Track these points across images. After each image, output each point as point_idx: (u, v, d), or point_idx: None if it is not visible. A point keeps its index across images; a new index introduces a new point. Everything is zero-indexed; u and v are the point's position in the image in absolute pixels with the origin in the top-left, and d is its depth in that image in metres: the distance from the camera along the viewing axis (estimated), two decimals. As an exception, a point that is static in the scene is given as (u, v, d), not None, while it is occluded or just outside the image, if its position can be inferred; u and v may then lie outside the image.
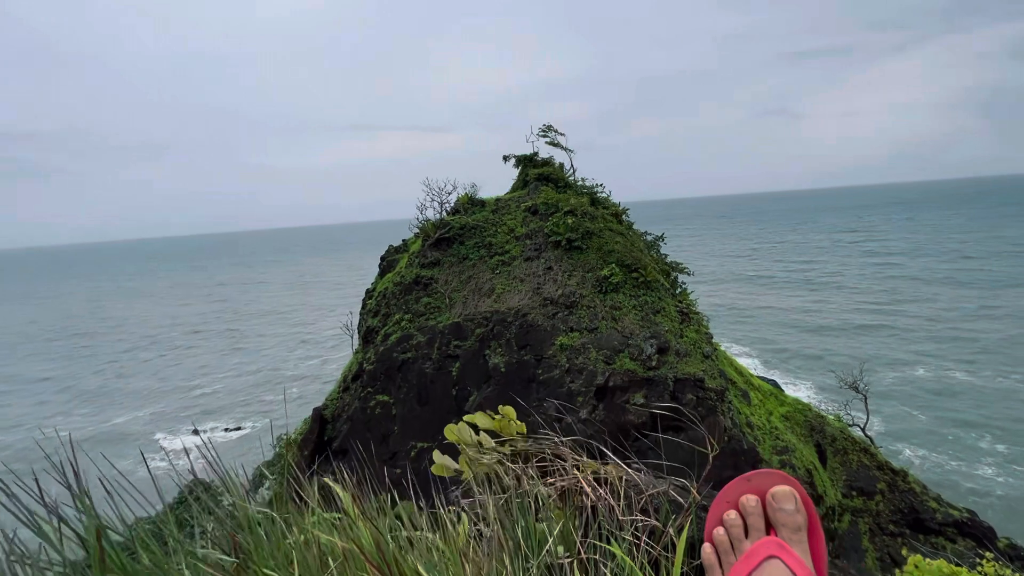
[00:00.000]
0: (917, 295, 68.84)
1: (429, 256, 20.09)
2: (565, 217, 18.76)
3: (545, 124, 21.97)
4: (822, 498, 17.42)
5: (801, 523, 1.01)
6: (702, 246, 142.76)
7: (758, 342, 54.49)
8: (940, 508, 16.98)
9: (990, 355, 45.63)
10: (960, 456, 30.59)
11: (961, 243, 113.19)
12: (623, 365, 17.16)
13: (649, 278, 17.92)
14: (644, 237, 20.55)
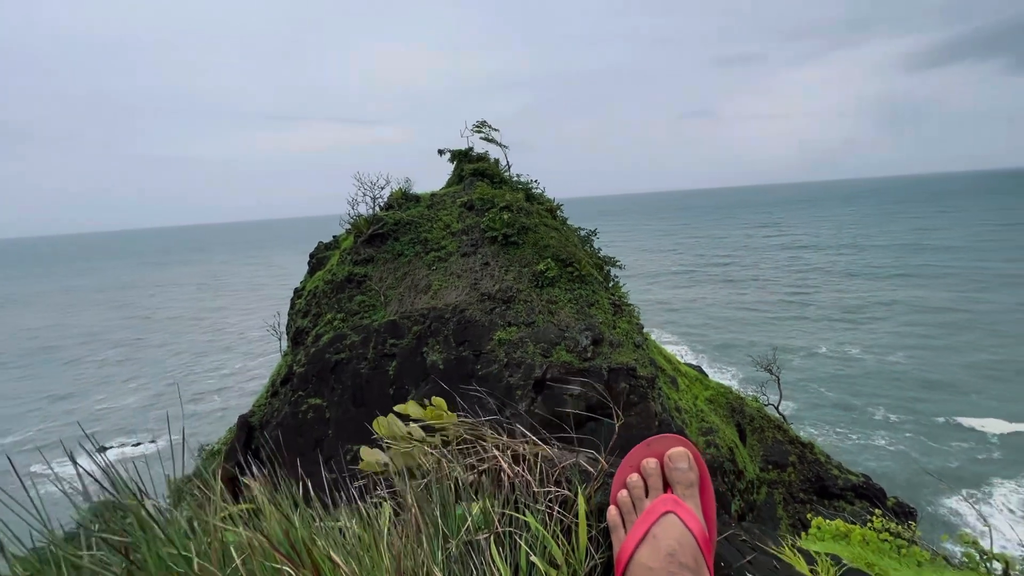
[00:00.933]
0: (821, 284, 75.85)
1: (362, 253, 19.48)
2: (501, 213, 18.86)
3: (479, 120, 21.93)
4: (743, 473, 18.80)
5: (693, 479, 1.11)
6: (633, 241, 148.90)
7: (685, 331, 57.73)
8: (841, 475, 18.87)
9: (879, 336, 51.23)
10: (858, 427, 34.14)
11: (856, 237, 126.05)
12: (560, 357, 17.57)
13: (583, 272, 18.42)
14: (578, 232, 21.09)
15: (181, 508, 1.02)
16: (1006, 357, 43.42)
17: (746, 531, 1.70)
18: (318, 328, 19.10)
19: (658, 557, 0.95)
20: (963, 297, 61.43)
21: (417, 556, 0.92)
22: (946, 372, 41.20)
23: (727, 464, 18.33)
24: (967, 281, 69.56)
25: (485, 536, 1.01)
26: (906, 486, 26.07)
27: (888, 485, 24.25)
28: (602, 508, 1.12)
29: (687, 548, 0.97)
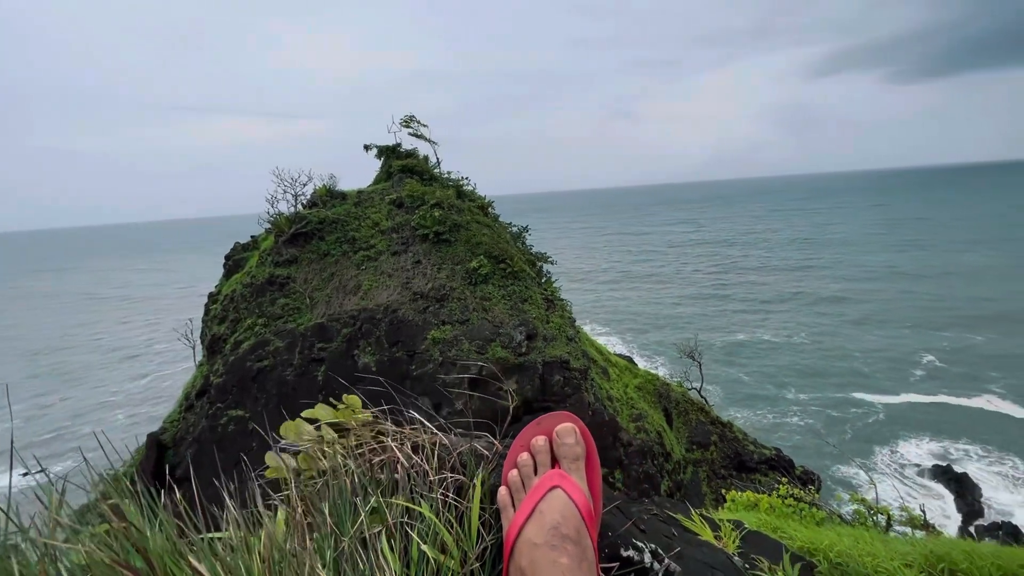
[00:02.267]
0: (737, 277, 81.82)
1: (284, 253, 18.45)
2: (432, 210, 18.59)
3: (407, 115, 21.47)
4: (670, 455, 19.86)
5: (580, 453, 1.14)
6: (564, 238, 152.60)
7: (616, 323, 60.05)
8: (756, 450, 20.45)
9: (788, 324, 56.10)
10: (772, 406, 37.19)
11: (765, 232, 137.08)
12: (495, 354, 17.63)
13: (516, 269, 18.59)
14: (509, 229, 21.24)
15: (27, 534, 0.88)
16: (891, 338, 49.13)
17: (657, 504, 1.76)
18: (237, 334, 17.87)
19: (542, 532, 0.96)
20: (854, 287, 68.65)
21: (302, 558, 0.87)
22: (843, 354, 45.88)
23: (656, 447, 19.26)
24: (857, 272, 77.87)
25: (378, 530, 0.97)
26: (814, 456, 28.77)
27: (797, 456, 26.62)
28: (495, 490, 1.13)
29: (570, 520, 1.00)
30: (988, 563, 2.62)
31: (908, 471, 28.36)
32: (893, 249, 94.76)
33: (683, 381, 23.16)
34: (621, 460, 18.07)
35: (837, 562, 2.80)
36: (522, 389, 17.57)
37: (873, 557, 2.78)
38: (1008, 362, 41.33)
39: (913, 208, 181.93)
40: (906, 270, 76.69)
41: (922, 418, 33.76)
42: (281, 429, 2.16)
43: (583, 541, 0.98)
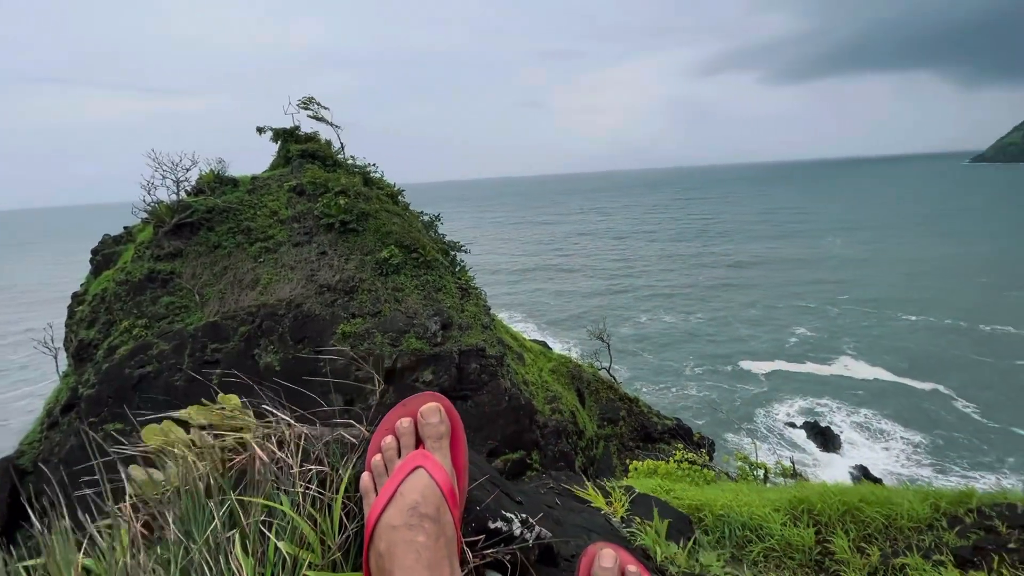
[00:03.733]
0: (640, 263, 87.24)
1: (166, 246, 16.57)
2: (337, 198, 17.65)
3: (306, 96, 20.09)
4: (583, 432, 20.84)
5: (443, 431, 1.14)
6: (477, 227, 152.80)
7: (530, 309, 61.49)
8: (659, 421, 22.08)
9: (687, 306, 60.93)
10: (674, 380, 40.31)
11: (663, 221, 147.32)
12: (410, 345, 17.28)
13: (429, 257, 18.27)
14: (421, 218, 20.79)
15: None
16: (770, 316, 55.23)
17: (553, 479, 1.81)
18: (112, 339, 15.81)
19: (402, 513, 0.95)
20: (738, 273, 76.20)
21: (152, 571, 0.77)
22: (732, 330, 50.81)
23: (570, 426, 20.11)
24: (744, 259, 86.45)
25: (232, 534, 0.89)
26: (710, 423, 31.71)
27: (695, 424, 29.15)
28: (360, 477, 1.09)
29: (430, 499, 0.99)
30: (835, 500, 3.05)
31: (784, 429, 32.25)
32: (773, 236, 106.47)
33: (594, 362, 24.32)
34: (538, 441, 18.64)
35: (720, 514, 3.10)
36: (438, 379, 17.42)
37: (749, 507, 3.11)
38: (857, 330, 48.36)
39: (788, 198, 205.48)
40: (784, 255, 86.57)
41: (794, 382, 38.51)
42: (144, 434, 1.93)
43: (442, 518, 0.98)
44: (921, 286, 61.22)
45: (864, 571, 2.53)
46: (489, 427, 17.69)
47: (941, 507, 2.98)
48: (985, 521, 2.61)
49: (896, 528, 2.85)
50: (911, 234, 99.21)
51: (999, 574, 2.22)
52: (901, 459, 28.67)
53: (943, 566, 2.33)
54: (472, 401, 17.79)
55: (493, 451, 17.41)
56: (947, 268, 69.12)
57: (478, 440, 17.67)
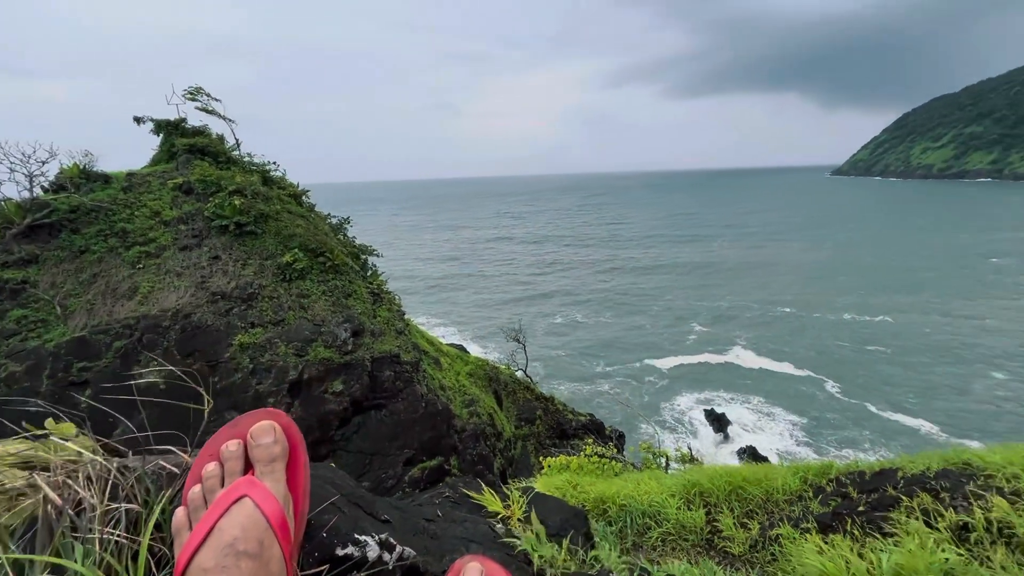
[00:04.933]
0: (552, 268, 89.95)
1: (17, 251, 14.24)
2: (231, 198, 16.24)
3: (194, 86, 18.29)
4: (502, 434, 20.97)
5: (277, 453, 1.01)
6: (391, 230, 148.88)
7: (447, 313, 60.96)
8: (574, 418, 22.83)
9: (597, 308, 63.76)
10: (587, 377, 41.93)
11: (575, 227, 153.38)
12: (317, 355, 16.32)
13: (337, 262, 17.42)
14: (328, 220, 19.75)
15: None
16: (671, 312, 59.40)
17: (450, 486, 1.75)
18: (-59, 362, 13.23)
19: (216, 553, 0.82)
20: (642, 275, 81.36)
21: None
22: (638, 328, 53.98)
23: (488, 429, 20.15)
24: (648, 261, 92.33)
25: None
26: (621, 416, 33.37)
27: (607, 418, 30.50)
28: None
29: (252, 533, 0.88)
30: (723, 481, 3.31)
31: (685, 417, 34.85)
32: (672, 240, 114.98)
33: (510, 363, 24.60)
34: (456, 446, 18.47)
35: (623, 504, 3.23)
36: (350, 389, 16.66)
37: (649, 495, 3.28)
38: (747, 322, 53.63)
39: (683, 205, 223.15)
40: (682, 258, 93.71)
41: (694, 374, 41.78)
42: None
43: (267, 553, 0.86)
44: (795, 284, 69.38)
45: (746, 544, 2.76)
46: (405, 435, 17.22)
47: (808, 479, 3.36)
48: (842, 489, 2.97)
49: (773, 502, 3.16)
50: (786, 238, 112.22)
51: (852, 534, 2.53)
52: (785, 438, 32.16)
53: (809, 532, 2.62)
54: (387, 409, 17.23)
55: (410, 460, 16.97)
56: (814, 268, 78.97)
57: (393, 449, 17.14)
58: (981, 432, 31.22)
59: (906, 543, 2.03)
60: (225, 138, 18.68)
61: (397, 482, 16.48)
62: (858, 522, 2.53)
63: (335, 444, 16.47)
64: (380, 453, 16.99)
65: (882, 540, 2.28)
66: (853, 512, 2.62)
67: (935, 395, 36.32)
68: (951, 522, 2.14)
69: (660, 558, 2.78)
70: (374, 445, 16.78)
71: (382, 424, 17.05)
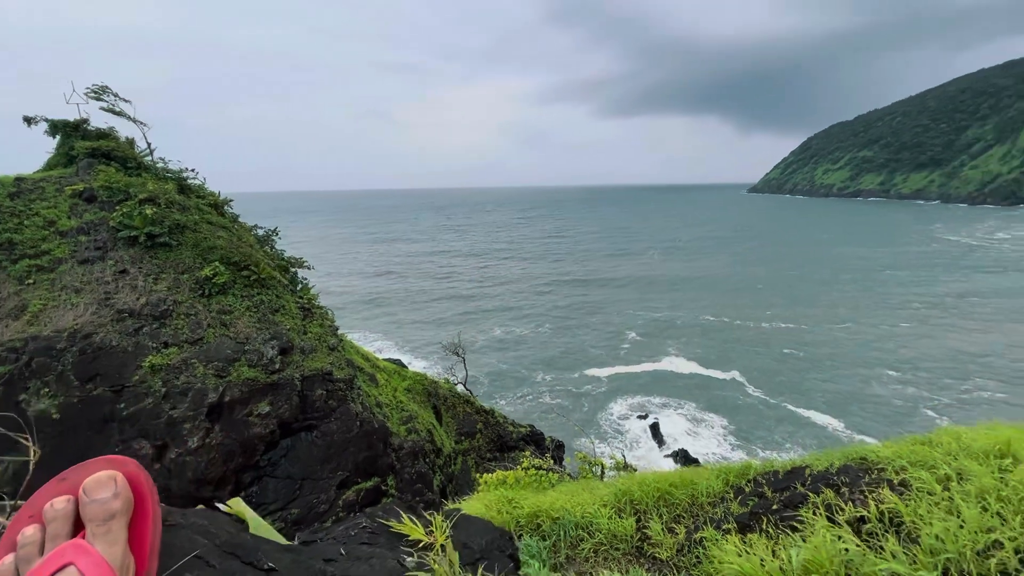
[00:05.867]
0: (492, 280, 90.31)
1: None
2: (142, 207, 14.96)
3: (98, 84, 16.76)
4: (441, 450, 20.54)
5: (117, 508, 0.89)
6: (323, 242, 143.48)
7: (386, 328, 59.33)
8: (515, 429, 22.81)
9: (537, 319, 64.56)
10: (529, 389, 42.13)
11: (514, 240, 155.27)
12: (241, 375, 15.27)
13: (264, 275, 16.46)
14: (254, 231, 18.67)
15: None
16: (608, 322, 61.26)
17: (369, 516, 1.66)
18: None
19: None
20: (579, 287, 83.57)
21: None
22: (577, 339, 55.15)
23: (427, 446, 19.67)
24: (584, 273, 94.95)
25: None
26: (561, 426, 33.75)
27: (548, 429, 30.76)
28: None
29: None
30: (651, 488, 3.41)
31: (621, 424, 35.88)
32: (607, 252, 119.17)
33: (450, 377, 24.26)
34: (393, 465, 17.89)
35: (556, 517, 3.22)
36: (278, 410, 15.71)
37: (582, 506, 3.30)
38: (678, 332, 56.34)
39: (616, 218, 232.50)
40: (617, 270, 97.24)
41: (630, 382, 43.20)
42: None
43: None
44: (720, 295, 73.98)
45: (674, 549, 2.84)
46: (339, 456, 16.44)
47: (730, 481, 3.52)
48: (759, 489, 3.14)
49: (698, 505, 3.28)
50: (713, 252, 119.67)
51: (767, 533, 2.68)
52: (716, 440, 33.87)
53: (730, 533, 2.74)
54: (319, 430, 16.40)
55: (344, 482, 16.21)
56: (738, 280, 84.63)
57: (326, 472, 16.32)
58: (878, 424, 34.60)
59: (813, 539, 2.18)
60: (135, 142, 17.22)
61: (330, 506, 15.66)
62: (772, 520, 2.68)
63: (261, 470, 15.42)
64: (311, 477, 16.11)
65: (793, 537, 2.43)
66: (768, 511, 2.78)
67: (841, 394, 39.83)
68: (850, 515, 2.32)
69: (592, 569, 2.79)
70: (305, 469, 15.89)
71: (313, 446, 16.20)
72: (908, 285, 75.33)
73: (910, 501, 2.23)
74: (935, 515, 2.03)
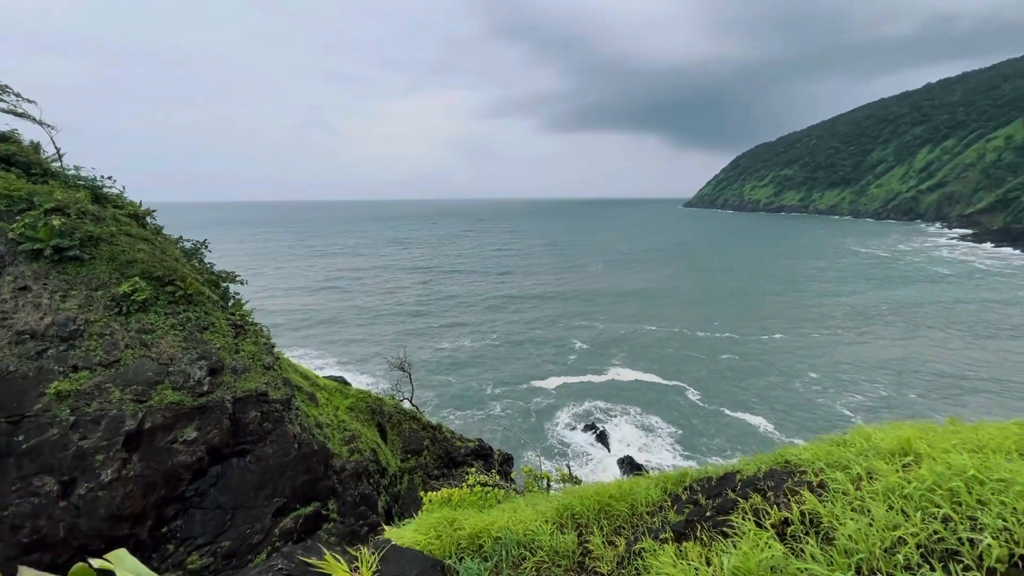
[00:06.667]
0: (438, 294, 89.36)
1: None
2: (48, 217, 13.64)
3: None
4: (386, 469, 19.88)
5: None
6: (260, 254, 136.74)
7: (328, 344, 57.05)
8: (462, 444, 22.48)
9: (484, 331, 64.36)
10: (478, 402, 41.74)
11: (461, 251, 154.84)
12: (164, 399, 14.13)
13: (190, 291, 15.41)
14: (180, 244, 17.47)
15: None
16: (553, 334, 62.06)
17: (286, 556, 1.54)
18: None
19: None
20: (526, 299, 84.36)
21: None
22: (525, 352, 55.42)
23: (371, 466, 18.97)
24: (530, 286, 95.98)
25: None
26: (511, 438, 33.62)
27: (497, 442, 30.55)
28: None
29: None
30: (592, 501, 3.43)
31: (569, 435, 36.27)
32: (553, 265, 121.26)
33: (395, 393, 23.62)
34: (335, 488, 17.14)
35: (497, 537, 3.16)
36: (206, 435, 14.65)
37: (524, 523, 3.26)
38: (622, 341, 57.94)
39: (560, 231, 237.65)
40: (563, 282, 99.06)
41: (577, 392, 43.85)
42: None
43: None
44: (660, 304, 77.01)
45: (614, 562, 2.86)
46: (275, 482, 15.53)
47: (668, 489, 3.61)
48: (694, 496, 3.24)
49: (638, 516, 3.33)
50: (652, 264, 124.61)
51: (701, 540, 2.76)
52: (660, 445, 34.89)
53: (667, 543, 2.79)
54: (253, 455, 15.44)
55: (281, 509, 15.31)
56: (677, 292, 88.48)
57: (261, 499, 15.38)
58: (806, 425, 37.05)
59: (742, 544, 2.26)
60: (41, 147, 15.72)
61: (265, 536, 14.73)
62: (706, 528, 2.77)
63: (187, 502, 14.29)
64: (244, 506, 15.11)
65: (724, 543, 2.51)
66: (702, 518, 2.86)
67: (770, 396, 42.36)
68: (775, 519, 2.44)
69: (534, 589, 2.75)
70: (237, 497, 14.88)
71: (247, 472, 15.21)
72: (828, 296, 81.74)
73: (827, 502, 2.38)
74: (848, 515, 2.17)
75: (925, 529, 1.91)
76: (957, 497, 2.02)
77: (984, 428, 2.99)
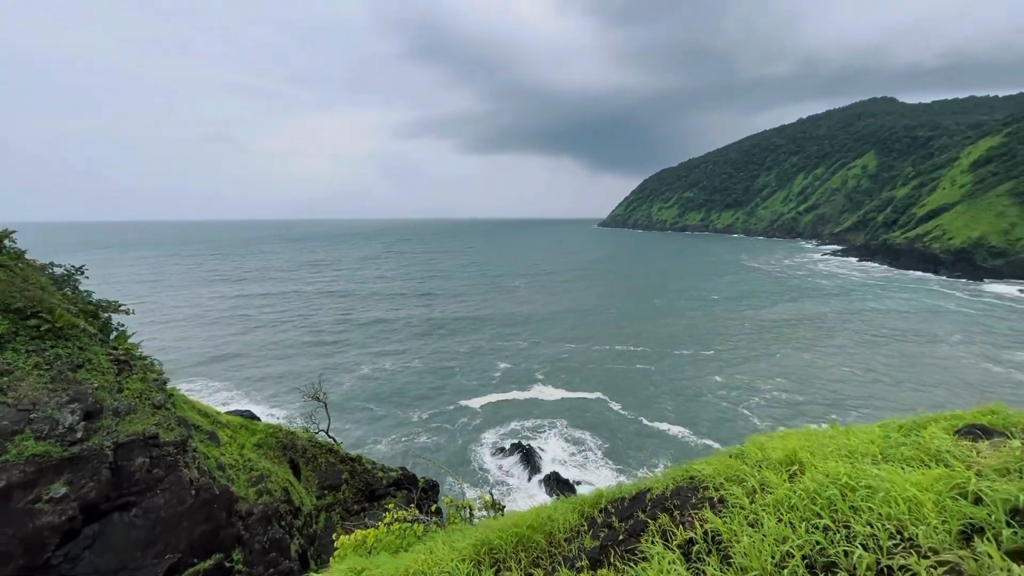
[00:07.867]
0: (357, 319, 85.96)
1: None
2: None
3: None
4: (300, 509, 18.43)
5: None
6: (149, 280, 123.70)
7: (232, 376, 52.48)
8: (384, 475, 21.46)
9: (404, 354, 62.64)
10: (403, 428, 40.17)
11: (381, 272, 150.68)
12: (24, 452, 12.14)
13: (60, 324, 13.52)
14: (48, 271, 15.31)
15: None
16: (474, 354, 61.81)
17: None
18: None
19: None
20: (449, 320, 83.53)
21: None
22: (448, 374, 54.55)
23: (283, 507, 17.51)
24: (451, 308, 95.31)
25: None
26: (437, 464, 32.60)
27: (423, 470, 29.52)
28: None
29: None
30: (510, 533, 3.35)
31: (495, 457, 35.98)
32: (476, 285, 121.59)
33: (309, 426, 22.12)
34: (240, 535, 15.61)
35: (411, 583, 2.98)
36: (79, 490, 12.77)
37: (439, 564, 3.10)
38: (542, 360, 58.95)
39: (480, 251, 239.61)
40: (486, 304, 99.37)
41: (503, 411, 43.77)
42: None
43: None
44: (579, 322, 79.63)
45: (532, 596, 2.79)
46: (167, 536, 13.83)
47: (584, 512, 3.63)
48: (608, 519, 3.28)
49: (555, 544, 3.30)
50: (572, 284, 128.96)
51: (614, 566, 2.78)
52: (590, 462, 35.52)
53: (582, 572, 2.79)
54: (139, 508, 13.67)
55: (175, 567, 13.63)
56: (594, 310, 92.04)
57: (150, 558, 13.64)
58: (711, 424, 39.76)
59: (649, 570, 2.30)
60: None
61: (155, 601, 13.02)
62: (619, 552, 2.80)
63: (53, 570, 12.26)
64: (129, 567, 13.31)
65: (636, 569, 2.55)
66: (615, 543, 2.90)
67: (682, 402, 45.06)
68: (681, 539, 2.52)
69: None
70: (119, 558, 13.06)
71: (132, 528, 13.41)
72: (733, 310, 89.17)
73: (727, 517, 2.50)
74: (745, 530, 2.30)
75: (809, 541, 2.06)
76: (835, 505, 2.21)
77: (854, 433, 3.33)
